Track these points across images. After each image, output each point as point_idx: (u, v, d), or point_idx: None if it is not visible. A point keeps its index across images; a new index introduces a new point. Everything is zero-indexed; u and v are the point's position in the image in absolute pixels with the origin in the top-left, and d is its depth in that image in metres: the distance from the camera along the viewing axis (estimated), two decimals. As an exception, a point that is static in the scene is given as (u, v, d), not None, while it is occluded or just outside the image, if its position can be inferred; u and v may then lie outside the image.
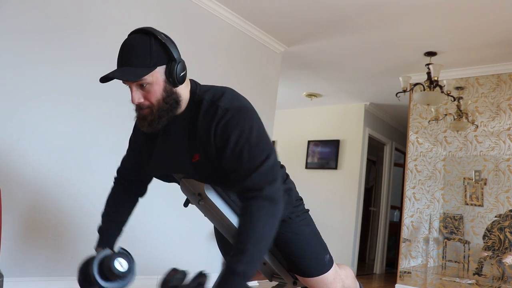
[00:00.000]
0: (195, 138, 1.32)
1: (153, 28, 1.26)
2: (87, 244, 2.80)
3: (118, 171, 1.63)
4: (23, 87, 2.51)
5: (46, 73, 2.61)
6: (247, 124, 1.29)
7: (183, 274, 1.26)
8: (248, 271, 1.18)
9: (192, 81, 1.40)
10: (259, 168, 1.24)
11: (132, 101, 1.27)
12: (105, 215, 1.58)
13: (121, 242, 2.97)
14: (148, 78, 1.23)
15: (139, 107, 1.29)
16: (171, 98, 1.28)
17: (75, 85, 2.75)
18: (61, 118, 2.68)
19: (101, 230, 1.56)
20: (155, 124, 1.29)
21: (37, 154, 2.56)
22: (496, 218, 4.10)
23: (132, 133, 1.56)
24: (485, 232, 4.14)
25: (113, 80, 1.28)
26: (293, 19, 3.82)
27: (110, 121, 2.88)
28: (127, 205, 1.60)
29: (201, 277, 1.25)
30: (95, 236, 2.92)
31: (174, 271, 1.26)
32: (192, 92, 1.35)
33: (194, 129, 1.32)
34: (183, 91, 1.32)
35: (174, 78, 1.25)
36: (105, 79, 1.23)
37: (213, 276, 1.29)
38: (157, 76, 1.24)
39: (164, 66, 1.25)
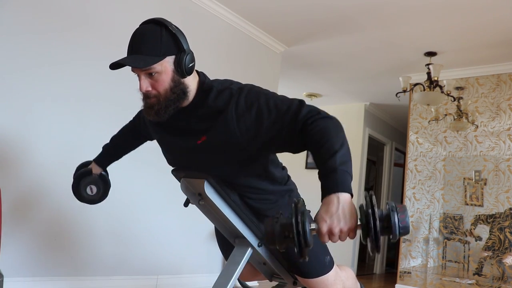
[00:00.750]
0: (203, 121, 1.32)
1: (164, 19, 1.27)
2: (87, 244, 2.80)
3: (124, 128, 1.79)
4: (26, 87, 2.51)
5: (49, 73, 2.61)
6: (264, 91, 1.35)
7: (279, 218, 1.10)
8: (346, 168, 1.16)
9: (200, 72, 1.40)
10: (302, 105, 1.29)
11: (140, 89, 1.27)
12: (115, 139, 1.79)
13: (122, 242, 2.98)
14: (157, 66, 1.23)
15: (146, 96, 1.29)
16: (178, 88, 1.28)
17: (78, 86, 2.75)
18: (64, 119, 2.68)
19: (104, 149, 1.79)
20: (161, 113, 1.29)
21: (37, 154, 2.56)
22: (493, 214, 4.10)
23: (142, 120, 1.61)
24: (475, 221, 4.14)
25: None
26: (293, 19, 3.82)
27: (112, 122, 2.87)
28: (131, 143, 1.79)
29: (297, 205, 1.08)
30: (95, 236, 2.93)
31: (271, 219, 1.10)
32: (201, 82, 1.35)
33: (203, 113, 1.32)
34: (191, 83, 1.32)
35: (182, 69, 1.26)
36: (114, 66, 1.23)
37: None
38: (166, 66, 1.25)
39: (173, 56, 1.26)
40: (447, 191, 4.47)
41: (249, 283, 2.05)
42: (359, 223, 1.05)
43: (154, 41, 1.23)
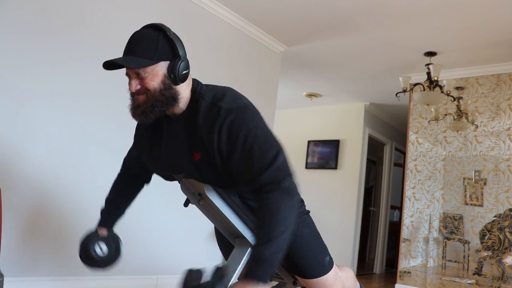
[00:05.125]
0: (195, 137, 1.32)
1: (164, 25, 1.28)
2: (87, 244, 2.80)
3: (125, 160, 1.66)
4: (24, 87, 2.51)
5: (47, 73, 2.61)
6: (252, 122, 1.29)
7: (200, 272, 1.26)
8: (277, 258, 1.19)
9: (194, 80, 1.39)
10: (272, 164, 1.25)
11: (130, 88, 1.27)
12: (109, 199, 1.63)
13: (122, 242, 2.97)
14: (149, 69, 1.24)
15: (134, 94, 1.29)
16: (168, 92, 1.27)
17: (76, 85, 2.75)
18: (62, 118, 2.68)
19: (102, 212, 1.61)
20: (148, 113, 1.28)
21: (37, 154, 2.56)
22: (495, 218, 4.10)
23: (136, 130, 1.57)
24: (483, 231, 4.14)
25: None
26: (293, 19, 3.82)
27: (111, 121, 2.88)
28: (130, 191, 1.66)
29: (220, 271, 1.25)
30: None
31: (190, 272, 1.26)
32: (193, 91, 1.35)
33: (194, 128, 1.32)
34: (184, 91, 1.32)
35: (175, 75, 1.26)
36: (107, 65, 1.24)
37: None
38: (158, 70, 1.25)
39: (167, 62, 1.26)
40: (447, 191, 4.47)
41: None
42: None
43: (149, 45, 1.24)
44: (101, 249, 1.48)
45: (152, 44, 1.24)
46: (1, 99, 2.42)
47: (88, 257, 1.47)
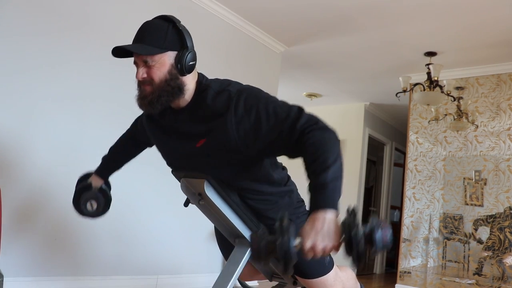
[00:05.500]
0: (201, 125, 1.32)
1: (174, 17, 1.31)
2: (87, 244, 2.80)
3: (134, 125, 1.72)
4: (25, 87, 2.51)
5: (49, 74, 2.61)
6: (263, 94, 1.34)
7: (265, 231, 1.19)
8: (339, 185, 1.17)
9: (199, 73, 1.40)
10: (301, 112, 1.27)
11: (136, 76, 1.28)
12: (112, 152, 1.76)
13: (122, 242, 2.97)
14: (157, 57, 1.25)
15: (141, 83, 1.30)
16: (174, 82, 1.28)
17: (78, 86, 2.75)
18: (64, 119, 2.68)
19: (104, 160, 1.74)
20: (154, 103, 1.29)
21: (38, 154, 2.56)
22: (493, 214, 4.10)
23: (138, 125, 1.62)
24: (478, 221, 4.14)
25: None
26: (293, 19, 3.82)
27: (112, 122, 2.88)
28: (132, 151, 1.77)
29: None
30: (95, 236, 2.93)
31: (256, 234, 1.18)
32: (199, 82, 1.36)
33: (201, 115, 1.32)
34: (190, 82, 1.33)
35: (182, 65, 1.27)
36: (116, 52, 1.26)
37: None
38: (165, 59, 1.26)
39: (175, 52, 1.28)
40: (447, 191, 4.47)
41: (249, 283, 2.05)
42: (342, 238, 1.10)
43: (159, 34, 1.26)
44: (91, 205, 1.65)
45: (161, 33, 1.26)
46: (2, 100, 2.42)
47: (79, 209, 1.67)
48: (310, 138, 1.22)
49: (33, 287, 2.49)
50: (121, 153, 1.76)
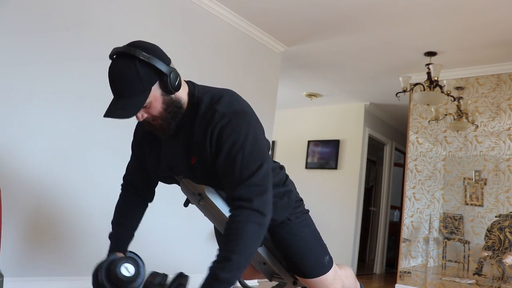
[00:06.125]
0: (191, 141, 1.34)
1: (133, 48, 1.22)
2: (87, 244, 2.80)
3: (124, 177, 1.62)
4: (24, 86, 2.51)
5: (46, 73, 2.61)
6: (243, 130, 1.29)
7: (163, 276, 1.29)
8: (231, 279, 1.21)
9: (189, 82, 1.40)
10: (250, 178, 1.26)
11: (137, 119, 1.30)
12: (115, 222, 1.57)
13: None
14: (146, 101, 1.25)
15: (148, 121, 1.33)
16: (172, 106, 1.30)
17: (76, 85, 2.75)
18: (62, 118, 2.68)
19: (111, 236, 1.54)
20: (168, 130, 1.34)
21: (37, 154, 2.56)
22: (496, 218, 4.10)
23: (133, 139, 1.57)
24: (486, 233, 4.14)
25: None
26: (293, 19, 3.82)
27: (110, 122, 2.88)
28: (136, 210, 1.61)
29: (181, 278, 1.27)
30: (95, 236, 2.93)
31: (154, 274, 1.30)
32: (191, 95, 1.36)
33: (191, 132, 1.34)
34: (182, 94, 1.34)
35: (169, 89, 1.27)
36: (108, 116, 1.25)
37: (194, 277, 1.30)
38: (154, 94, 1.25)
39: (157, 82, 1.25)
40: (447, 191, 4.47)
41: (249, 283, 2.05)
42: None
43: (133, 80, 1.21)
44: (127, 269, 1.29)
45: (135, 78, 1.20)
46: (1, 99, 2.42)
47: (116, 280, 1.28)
48: (235, 216, 1.26)
49: (33, 287, 2.49)
50: (126, 218, 1.57)
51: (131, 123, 1.74)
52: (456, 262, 4.31)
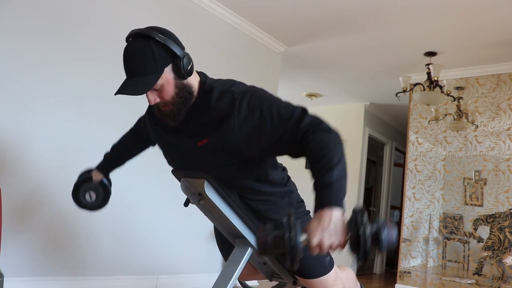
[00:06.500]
0: (205, 124, 1.33)
1: (150, 29, 1.25)
2: (87, 244, 2.80)
3: (139, 122, 1.71)
4: (25, 87, 2.51)
5: (48, 73, 2.61)
6: (267, 94, 1.35)
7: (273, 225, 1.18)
8: (344, 184, 1.19)
9: (200, 73, 1.41)
10: (305, 113, 1.29)
11: (149, 102, 1.29)
12: (114, 148, 1.76)
13: (122, 242, 2.97)
14: (159, 81, 1.24)
15: (158, 106, 1.32)
16: (184, 91, 1.30)
17: (78, 85, 2.75)
18: (63, 118, 2.68)
19: (106, 156, 1.75)
20: (177, 117, 1.32)
21: (37, 154, 2.56)
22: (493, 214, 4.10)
23: (143, 124, 1.61)
24: (478, 221, 4.14)
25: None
26: (293, 19, 3.82)
27: (112, 121, 2.88)
28: (135, 148, 1.76)
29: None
30: (95, 236, 2.93)
31: (264, 228, 1.16)
32: (202, 83, 1.36)
33: (204, 116, 1.33)
34: (193, 82, 1.34)
35: (182, 73, 1.27)
36: (120, 93, 1.25)
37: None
38: (166, 77, 1.25)
39: (170, 65, 1.26)
40: (447, 191, 4.47)
41: (249, 283, 2.05)
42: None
43: (148, 59, 1.22)
44: (90, 196, 1.66)
45: (150, 57, 1.22)
46: (1, 99, 2.42)
47: (77, 200, 1.66)
48: (314, 139, 1.24)
49: (33, 287, 2.49)
50: (123, 150, 1.76)
51: (133, 122, 1.75)
52: (456, 262, 4.31)
